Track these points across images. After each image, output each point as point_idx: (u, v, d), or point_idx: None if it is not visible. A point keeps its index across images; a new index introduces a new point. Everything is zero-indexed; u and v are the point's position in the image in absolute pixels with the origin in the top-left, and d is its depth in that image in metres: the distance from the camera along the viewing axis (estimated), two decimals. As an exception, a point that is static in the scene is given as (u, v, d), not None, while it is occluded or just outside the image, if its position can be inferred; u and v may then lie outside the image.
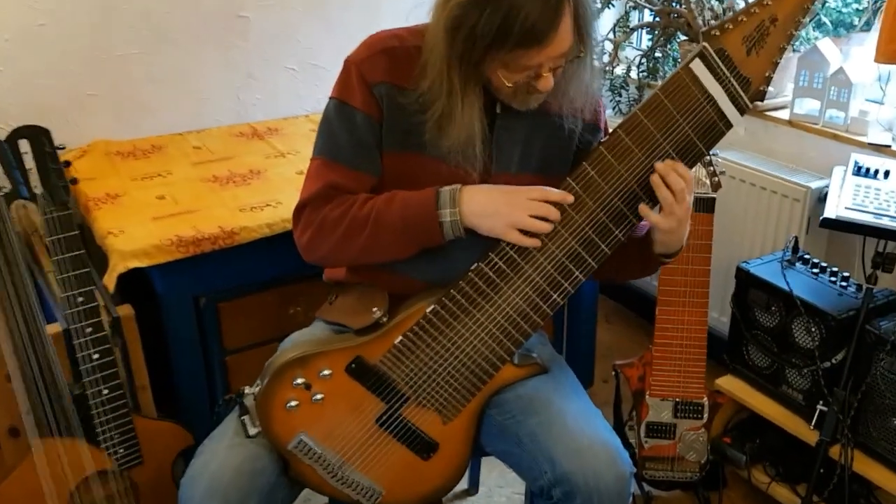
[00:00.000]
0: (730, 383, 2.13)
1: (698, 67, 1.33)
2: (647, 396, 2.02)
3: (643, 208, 1.33)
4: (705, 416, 2.01)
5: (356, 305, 1.46)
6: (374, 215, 1.34)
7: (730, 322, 2.15)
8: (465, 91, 1.27)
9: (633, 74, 2.67)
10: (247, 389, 1.38)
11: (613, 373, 2.10)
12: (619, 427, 2.15)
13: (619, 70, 2.70)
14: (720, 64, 1.32)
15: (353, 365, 1.37)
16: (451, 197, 1.32)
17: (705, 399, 2.00)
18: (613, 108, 2.72)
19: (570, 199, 1.32)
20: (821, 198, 2.19)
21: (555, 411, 1.40)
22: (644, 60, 2.63)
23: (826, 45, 2.23)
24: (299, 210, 1.42)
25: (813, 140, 2.28)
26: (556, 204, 1.32)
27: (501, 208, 1.30)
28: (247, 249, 1.84)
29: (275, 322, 1.95)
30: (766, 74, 1.35)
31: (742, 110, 1.35)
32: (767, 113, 2.36)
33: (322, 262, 1.44)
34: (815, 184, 2.20)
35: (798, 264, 2.05)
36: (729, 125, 1.35)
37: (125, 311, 1.75)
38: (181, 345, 1.86)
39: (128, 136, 2.34)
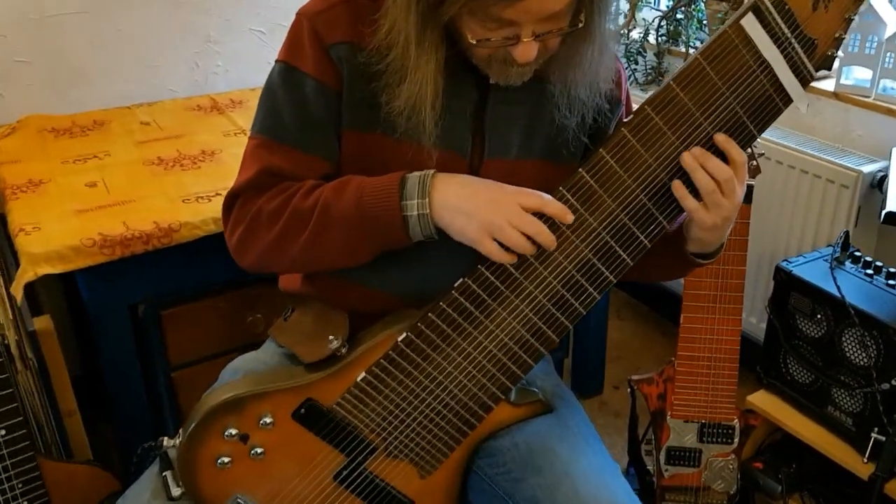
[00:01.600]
0: (764, 400, 1.83)
1: (751, 25, 1.02)
2: (668, 418, 1.74)
3: (678, 187, 1.02)
4: (736, 440, 1.74)
5: (311, 329, 1.17)
6: (320, 205, 1.04)
7: (766, 329, 1.84)
8: (422, 39, 0.98)
9: (652, 39, 2.35)
10: (166, 441, 1.08)
11: (629, 389, 1.80)
12: (634, 450, 1.86)
13: (636, 34, 2.39)
14: (779, 20, 1.01)
15: (303, 410, 1.07)
16: (421, 185, 1.02)
17: (736, 421, 1.73)
18: (628, 78, 2.40)
19: (571, 218, 1.02)
20: (873, 184, 1.88)
21: (561, 469, 1.11)
22: (664, 23, 2.31)
23: (881, 3, 1.90)
24: (230, 201, 1.13)
25: (863, 116, 1.96)
26: (550, 221, 1.02)
27: (481, 209, 1.00)
28: (193, 247, 1.54)
29: (230, 332, 1.66)
30: (837, 35, 1.06)
31: (805, 81, 1.06)
32: (810, 84, 2.02)
33: (258, 269, 1.14)
34: (868, 167, 1.89)
35: (848, 263, 1.74)
36: (787, 100, 1.05)
37: (43, 323, 1.45)
38: (115, 360, 1.56)
39: (69, 111, 2.02)
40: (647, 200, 1.05)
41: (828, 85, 2.01)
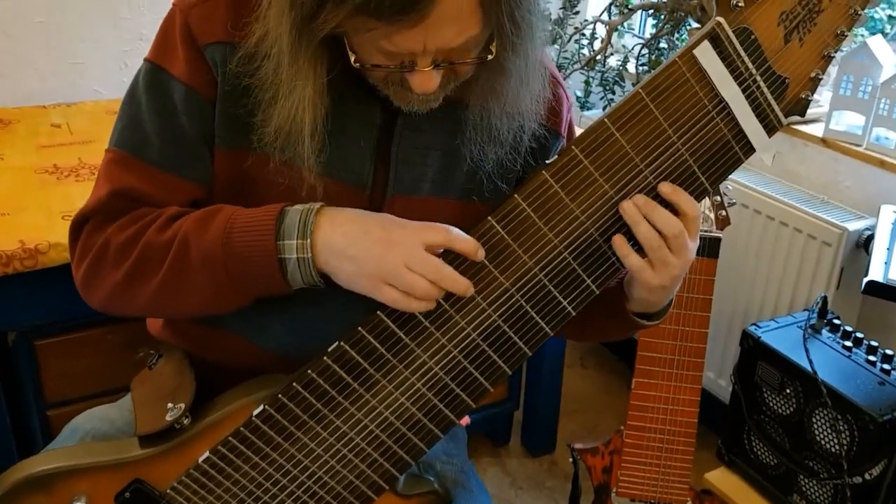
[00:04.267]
0: (723, 480, 1.65)
1: (707, 56, 0.85)
2: (613, 495, 1.54)
3: (620, 244, 0.85)
4: (688, 525, 1.53)
5: (168, 387, 0.97)
6: (179, 240, 0.85)
7: (730, 399, 1.64)
8: (296, 55, 0.81)
9: (631, 68, 2.16)
10: (-46, 523, 0.88)
11: (571, 459, 1.60)
12: (574, 527, 1.66)
13: (614, 61, 2.21)
14: (742, 53, 0.83)
15: (128, 494, 0.87)
16: (303, 222, 0.83)
17: (690, 503, 1.51)
18: (605, 108, 2.21)
19: (482, 255, 0.83)
20: (859, 243, 1.69)
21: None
22: (645, 51, 2.13)
23: (878, 43, 1.72)
24: (76, 228, 0.94)
25: (853, 166, 1.78)
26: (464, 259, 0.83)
27: (372, 251, 0.82)
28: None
29: (116, 365, 1.47)
30: (812, 74, 0.87)
31: (771, 127, 0.87)
32: (795, 127, 1.84)
33: (108, 311, 0.95)
34: (854, 224, 1.70)
35: (824, 332, 1.55)
36: (749, 149, 0.87)
37: None
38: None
39: (-23, 107, 1.84)
40: (572, 260, 0.86)
41: (816, 129, 1.82)
